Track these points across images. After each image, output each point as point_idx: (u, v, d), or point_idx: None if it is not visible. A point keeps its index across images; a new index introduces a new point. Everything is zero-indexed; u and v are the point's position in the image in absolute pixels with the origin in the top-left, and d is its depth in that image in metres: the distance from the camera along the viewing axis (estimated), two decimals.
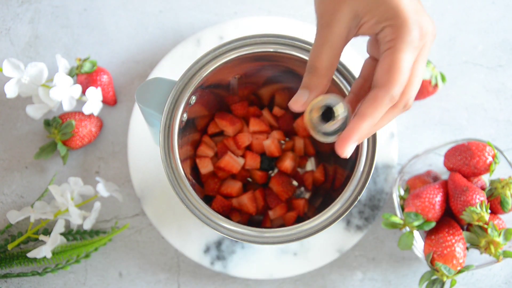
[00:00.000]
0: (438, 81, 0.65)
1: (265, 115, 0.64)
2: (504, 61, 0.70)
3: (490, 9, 0.71)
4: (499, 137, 0.68)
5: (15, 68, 0.61)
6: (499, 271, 0.65)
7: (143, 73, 0.69)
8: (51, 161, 0.66)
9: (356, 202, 0.45)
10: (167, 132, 0.47)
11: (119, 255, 0.65)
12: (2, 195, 0.66)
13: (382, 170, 0.65)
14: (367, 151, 0.47)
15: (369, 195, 0.65)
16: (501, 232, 0.55)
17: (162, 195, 0.64)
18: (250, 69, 0.53)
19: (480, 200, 0.55)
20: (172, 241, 0.63)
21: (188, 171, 0.54)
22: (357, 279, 0.65)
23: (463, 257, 0.55)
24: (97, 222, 0.65)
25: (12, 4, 0.70)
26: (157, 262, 0.65)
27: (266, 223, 0.63)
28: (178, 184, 0.46)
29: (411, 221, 0.57)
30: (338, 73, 0.48)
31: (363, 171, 0.46)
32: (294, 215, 0.62)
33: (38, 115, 0.63)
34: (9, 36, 0.69)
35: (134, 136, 0.65)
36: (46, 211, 0.61)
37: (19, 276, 0.63)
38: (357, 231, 0.64)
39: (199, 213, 0.46)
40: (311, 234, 0.45)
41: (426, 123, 0.68)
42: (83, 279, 0.65)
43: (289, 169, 0.62)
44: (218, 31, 0.67)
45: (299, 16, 0.70)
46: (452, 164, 0.60)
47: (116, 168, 0.67)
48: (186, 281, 0.65)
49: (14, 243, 0.61)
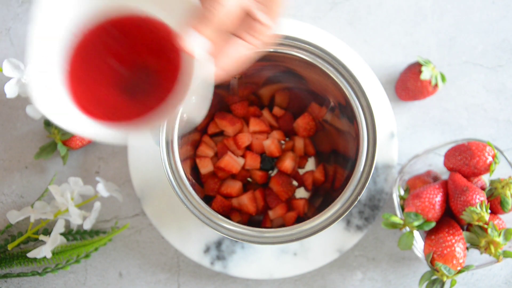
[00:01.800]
0: (438, 81, 0.65)
1: (265, 115, 0.64)
2: (504, 61, 0.70)
3: (490, 9, 0.71)
4: (499, 137, 0.68)
5: (15, 68, 0.61)
6: (499, 271, 0.65)
7: None
8: (51, 161, 0.67)
9: (356, 202, 0.45)
10: (167, 132, 0.47)
11: (119, 255, 0.65)
12: (2, 195, 0.66)
13: (382, 170, 0.65)
14: (367, 151, 0.47)
15: (369, 195, 0.65)
16: (501, 232, 0.55)
17: (162, 195, 0.64)
18: (250, 69, 0.53)
19: (480, 200, 0.55)
20: (172, 241, 0.63)
21: (188, 171, 0.54)
22: (357, 279, 0.65)
23: (463, 257, 0.55)
24: (97, 222, 0.65)
25: (12, 4, 0.70)
26: (157, 262, 0.65)
27: (266, 223, 0.63)
28: (178, 184, 0.46)
29: (411, 221, 0.57)
30: (337, 73, 0.48)
31: (363, 171, 0.46)
32: (294, 215, 0.62)
33: (38, 115, 0.63)
34: (9, 36, 0.69)
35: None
36: (46, 211, 0.61)
37: (19, 276, 0.63)
38: (357, 231, 0.64)
39: (199, 213, 0.46)
40: (311, 234, 0.45)
41: (426, 123, 0.68)
42: (83, 279, 0.65)
43: (289, 169, 0.62)
44: None
45: (299, 16, 0.70)
46: (452, 164, 0.60)
47: (116, 168, 0.67)
48: (186, 281, 0.65)
49: (14, 243, 0.61)
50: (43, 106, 0.39)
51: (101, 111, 0.43)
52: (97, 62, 0.43)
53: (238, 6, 0.36)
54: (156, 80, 0.43)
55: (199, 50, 0.37)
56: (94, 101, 0.43)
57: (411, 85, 0.65)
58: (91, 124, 0.42)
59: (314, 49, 0.48)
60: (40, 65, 0.40)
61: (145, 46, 0.43)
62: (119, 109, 0.43)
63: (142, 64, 0.43)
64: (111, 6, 0.42)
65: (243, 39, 0.38)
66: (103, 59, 0.43)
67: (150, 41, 0.43)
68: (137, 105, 0.43)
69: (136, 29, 0.43)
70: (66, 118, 0.41)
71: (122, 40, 0.43)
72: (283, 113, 0.64)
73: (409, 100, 0.67)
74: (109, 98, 0.43)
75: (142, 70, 0.43)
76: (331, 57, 0.48)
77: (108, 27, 0.43)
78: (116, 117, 0.43)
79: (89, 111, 0.42)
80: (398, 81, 0.68)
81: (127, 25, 0.43)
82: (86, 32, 0.42)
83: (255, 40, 0.38)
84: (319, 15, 0.70)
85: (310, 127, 0.63)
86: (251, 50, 0.38)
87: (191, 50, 0.37)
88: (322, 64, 0.48)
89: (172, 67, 0.42)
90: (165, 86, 0.43)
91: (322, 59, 0.48)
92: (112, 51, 0.43)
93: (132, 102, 0.43)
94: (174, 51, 0.42)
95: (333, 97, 0.53)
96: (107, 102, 0.43)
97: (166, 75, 0.43)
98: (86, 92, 0.43)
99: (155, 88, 0.43)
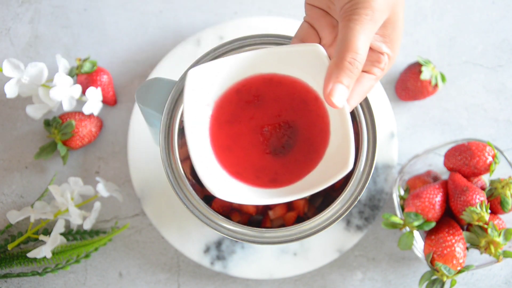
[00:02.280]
0: (438, 81, 0.65)
1: None
2: (504, 61, 0.70)
3: (490, 9, 0.71)
4: (499, 137, 0.68)
5: (15, 68, 0.61)
6: (499, 271, 0.65)
7: (143, 73, 0.69)
8: (51, 161, 0.67)
9: (356, 202, 0.45)
10: (167, 132, 0.47)
11: (119, 255, 0.65)
12: (2, 195, 0.66)
13: (382, 170, 0.65)
14: (367, 151, 0.47)
15: (369, 195, 0.65)
16: (501, 232, 0.55)
17: (162, 195, 0.64)
18: None
19: (480, 200, 0.55)
20: (172, 241, 0.63)
21: (188, 171, 0.54)
22: (357, 279, 0.65)
23: (463, 257, 0.55)
24: (97, 222, 0.65)
25: (12, 4, 0.70)
26: (157, 262, 0.65)
27: (266, 223, 0.63)
28: (178, 184, 0.46)
29: (411, 221, 0.57)
30: None
31: (363, 171, 0.46)
32: (294, 215, 0.62)
33: (38, 115, 0.63)
34: (9, 36, 0.69)
35: (134, 136, 0.65)
36: (46, 211, 0.61)
37: (19, 276, 0.63)
38: (357, 231, 0.64)
39: (199, 213, 0.46)
40: (311, 234, 0.45)
41: (426, 123, 0.68)
42: (83, 279, 0.65)
43: None
44: (218, 31, 0.67)
45: (299, 16, 0.70)
46: (452, 164, 0.60)
47: (116, 168, 0.67)
48: (186, 281, 0.65)
49: (14, 243, 0.61)
50: (210, 184, 0.39)
51: (255, 175, 0.42)
52: (240, 127, 0.43)
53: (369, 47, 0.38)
54: (305, 137, 0.43)
55: (344, 101, 0.38)
56: (244, 166, 0.42)
57: (411, 85, 0.65)
58: (251, 190, 0.42)
59: None
60: (197, 146, 0.41)
61: (283, 104, 0.43)
62: (276, 172, 0.42)
63: (285, 123, 0.43)
64: (245, 74, 0.43)
65: (370, 73, 0.40)
66: (244, 124, 0.43)
67: (288, 99, 0.43)
68: (293, 166, 0.43)
69: (268, 89, 0.43)
70: (228, 191, 0.40)
71: (258, 101, 0.43)
72: None
73: (409, 100, 0.67)
74: (262, 162, 0.43)
75: (286, 129, 0.43)
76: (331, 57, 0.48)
77: (241, 90, 0.43)
78: (274, 181, 0.42)
79: (243, 178, 0.42)
80: (398, 81, 0.68)
81: (259, 86, 0.43)
82: (218, 100, 0.43)
83: (381, 72, 0.40)
84: None
85: None
86: (376, 81, 0.40)
87: (339, 104, 0.37)
88: None
89: (319, 121, 0.42)
90: (317, 142, 0.42)
91: None
92: (251, 114, 0.43)
93: (285, 163, 0.43)
94: (314, 106, 0.42)
95: None
96: (262, 166, 0.42)
97: (314, 131, 0.42)
98: (233, 159, 0.42)
99: (307, 145, 0.42)
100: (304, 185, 0.41)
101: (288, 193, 0.41)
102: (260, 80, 0.42)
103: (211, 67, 0.41)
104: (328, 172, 0.40)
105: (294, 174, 0.42)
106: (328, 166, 0.41)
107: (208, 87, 0.42)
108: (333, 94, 0.37)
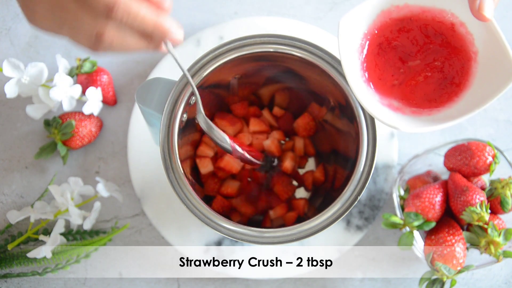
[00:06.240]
0: None
1: (265, 115, 0.64)
2: None
3: None
4: (499, 137, 0.68)
5: (15, 68, 0.61)
6: (499, 271, 0.65)
7: (143, 73, 0.69)
8: (51, 161, 0.67)
9: (356, 202, 0.45)
10: (167, 132, 0.47)
11: (119, 255, 0.65)
12: (2, 195, 0.66)
13: (382, 170, 0.65)
14: (367, 151, 0.47)
15: (369, 195, 0.65)
16: (501, 232, 0.55)
17: (162, 195, 0.64)
18: (250, 69, 0.53)
19: (480, 200, 0.55)
20: (172, 241, 0.63)
21: (188, 171, 0.54)
22: (357, 279, 0.65)
23: (463, 257, 0.55)
24: (97, 222, 0.65)
25: (12, 4, 0.70)
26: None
27: (266, 223, 0.63)
28: (178, 184, 0.46)
29: (411, 221, 0.57)
30: (337, 73, 0.48)
31: (363, 171, 0.46)
32: (294, 215, 0.62)
33: (38, 115, 0.63)
34: (9, 36, 0.69)
35: (134, 136, 0.65)
36: (46, 211, 0.61)
37: (19, 276, 0.63)
38: (357, 231, 0.64)
39: (199, 213, 0.46)
40: (311, 234, 0.45)
41: None
42: (83, 279, 0.65)
43: (289, 169, 0.62)
44: (218, 31, 0.67)
45: (299, 16, 0.70)
46: (452, 164, 0.60)
47: (116, 168, 0.67)
48: (186, 281, 0.65)
49: (14, 243, 0.61)
50: (363, 98, 0.43)
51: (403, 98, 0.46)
52: (390, 56, 0.46)
53: None
54: (450, 63, 0.45)
55: (493, 12, 0.41)
56: (392, 89, 0.46)
57: None
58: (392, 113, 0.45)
59: (314, 49, 0.48)
60: (352, 65, 0.44)
61: (431, 37, 0.45)
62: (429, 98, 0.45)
63: (432, 53, 0.46)
64: None
65: None
66: (396, 55, 0.46)
67: (436, 31, 0.45)
68: (441, 92, 0.45)
69: (421, 22, 0.45)
70: (378, 109, 0.44)
71: (409, 35, 0.46)
72: (283, 113, 0.64)
73: None
74: (414, 88, 0.46)
75: (433, 60, 0.46)
76: (331, 57, 0.48)
77: (395, 24, 0.46)
78: (430, 102, 0.45)
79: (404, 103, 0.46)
80: None
81: (414, 20, 0.45)
82: (373, 31, 0.46)
83: None
84: (319, 15, 0.70)
85: (310, 127, 0.63)
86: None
87: (490, 15, 0.40)
88: (322, 64, 0.48)
89: (460, 44, 0.45)
90: (463, 68, 0.45)
91: (322, 59, 0.48)
92: (405, 46, 0.46)
93: (437, 90, 0.45)
94: (452, 36, 0.45)
95: (333, 97, 0.53)
96: (412, 90, 0.46)
97: (459, 55, 0.45)
98: (382, 83, 0.46)
99: (451, 73, 0.45)
100: (463, 107, 0.44)
101: (443, 118, 0.43)
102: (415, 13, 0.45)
103: (361, 10, 0.44)
104: (485, 91, 0.42)
105: (447, 97, 0.45)
106: (481, 85, 0.43)
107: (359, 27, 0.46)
108: (482, 7, 0.40)
